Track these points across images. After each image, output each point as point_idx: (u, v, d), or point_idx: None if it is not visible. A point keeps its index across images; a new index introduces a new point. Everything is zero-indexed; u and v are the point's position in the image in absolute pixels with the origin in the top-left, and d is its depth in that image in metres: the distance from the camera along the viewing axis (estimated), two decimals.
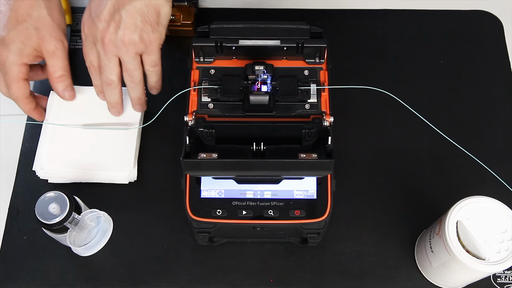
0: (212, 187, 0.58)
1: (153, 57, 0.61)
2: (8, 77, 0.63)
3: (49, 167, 0.66)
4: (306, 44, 0.59)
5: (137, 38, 0.58)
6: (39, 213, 0.58)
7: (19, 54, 0.62)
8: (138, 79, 0.62)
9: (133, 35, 0.58)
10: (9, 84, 0.63)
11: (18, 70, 0.63)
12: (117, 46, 0.58)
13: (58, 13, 0.64)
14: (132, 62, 0.60)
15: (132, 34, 0.57)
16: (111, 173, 0.67)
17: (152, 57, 0.61)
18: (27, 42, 0.62)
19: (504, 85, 0.75)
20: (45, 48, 0.63)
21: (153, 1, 0.57)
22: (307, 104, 0.59)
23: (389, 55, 0.77)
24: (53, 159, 0.67)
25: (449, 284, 0.62)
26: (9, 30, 0.62)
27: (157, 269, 0.64)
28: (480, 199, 0.55)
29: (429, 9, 0.81)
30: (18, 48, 0.62)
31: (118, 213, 0.66)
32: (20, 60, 0.62)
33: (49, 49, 0.63)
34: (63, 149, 0.67)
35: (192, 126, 0.58)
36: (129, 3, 0.57)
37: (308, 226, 0.57)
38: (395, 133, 0.72)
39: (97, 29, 0.58)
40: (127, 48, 0.58)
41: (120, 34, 0.57)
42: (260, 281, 0.64)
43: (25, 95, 0.65)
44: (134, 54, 0.59)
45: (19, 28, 0.62)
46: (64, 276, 0.64)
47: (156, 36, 0.59)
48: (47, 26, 0.63)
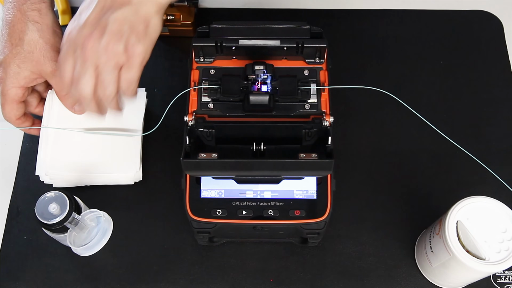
0: (212, 187, 0.58)
1: (132, 73, 0.55)
2: (4, 98, 0.64)
3: (53, 172, 0.66)
4: (306, 44, 0.59)
5: (121, 48, 0.53)
6: (39, 213, 0.58)
7: (15, 77, 0.62)
8: (111, 96, 0.55)
9: (117, 44, 0.53)
10: (3, 105, 0.64)
11: (14, 93, 0.63)
12: (98, 54, 0.53)
13: (51, 34, 0.63)
14: (109, 73, 0.54)
15: (116, 42, 0.53)
16: (117, 175, 0.67)
17: (131, 73, 0.55)
18: (22, 66, 0.62)
19: (504, 85, 0.75)
20: (43, 70, 0.63)
21: (142, 11, 0.54)
22: (307, 104, 0.59)
23: (389, 55, 0.77)
24: (57, 163, 0.66)
25: (449, 284, 0.62)
26: (5, 54, 0.62)
27: (157, 269, 0.64)
28: (480, 199, 0.55)
29: (429, 9, 0.81)
30: (14, 72, 0.62)
31: (118, 213, 0.66)
32: (16, 83, 0.63)
33: (47, 71, 0.63)
34: (66, 152, 0.67)
35: (192, 126, 0.58)
36: (117, 10, 0.53)
37: (308, 226, 0.57)
38: (395, 133, 0.72)
39: (80, 35, 0.54)
40: (108, 56, 0.53)
41: (103, 41, 0.53)
42: (260, 281, 0.64)
43: (16, 116, 0.65)
44: (114, 64, 0.54)
45: (13, 52, 0.62)
46: (64, 276, 0.64)
47: (141, 50, 0.54)
48: (40, 49, 0.62)
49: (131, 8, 0.54)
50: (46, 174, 0.66)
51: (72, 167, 0.66)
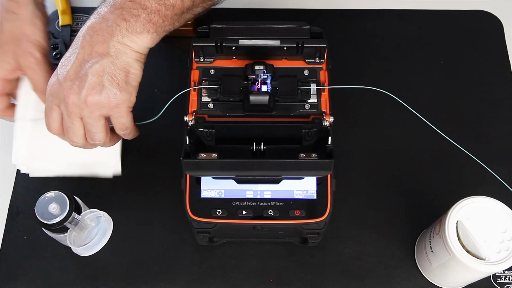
0: (212, 187, 0.58)
1: (122, 120, 0.56)
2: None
3: (30, 162, 0.65)
4: (306, 44, 0.59)
5: (102, 99, 0.53)
6: (39, 213, 0.59)
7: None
8: (100, 142, 0.58)
9: (98, 96, 0.53)
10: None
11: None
12: (80, 107, 0.54)
13: (29, 25, 0.61)
14: (95, 124, 0.55)
15: (96, 94, 0.53)
16: (95, 167, 0.66)
17: (121, 120, 0.56)
18: (1, 57, 0.60)
19: (504, 85, 0.75)
20: (20, 63, 0.61)
21: (121, 60, 0.54)
22: (307, 104, 0.59)
23: (389, 55, 0.77)
24: (34, 153, 0.65)
25: (449, 284, 0.62)
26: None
27: (157, 269, 0.64)
28: (480, 199, 0.55)
29: (429, 9, 0.81)
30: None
31: (118, 213, 0.66)
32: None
33: (22, 64, 0.61)
34: (44, 143, 0.64)
35: (192, 126, 0.58)
36: (96, 61, 0.53)
37: (308, 226, 0.57)
38: (395, 133, 0.72)
39: (61, 89, 0.54)
40: (90, 109, 0.54)
41: (83, 94, 0.53)
42: (260, 281, 0.64)
43: (0, 108, 0.64)
44: (98, 116, 0.55)
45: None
46: (64, 276, 0.64)
47: (124, 98, 0.54)
48: (16, 40, 0.60)
49: (109, 59, 0.53)
50: (24, 164, 0.65)
51: (49, 158, 0.65)
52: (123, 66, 0.54)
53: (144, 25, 0.54)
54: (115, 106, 0.55)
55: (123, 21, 0.53)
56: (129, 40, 0.54)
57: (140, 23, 0.54)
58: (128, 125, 0.58)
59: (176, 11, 0.56)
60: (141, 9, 0.54)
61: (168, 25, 0.56)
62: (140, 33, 0.54)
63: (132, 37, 0.54)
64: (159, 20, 0.55)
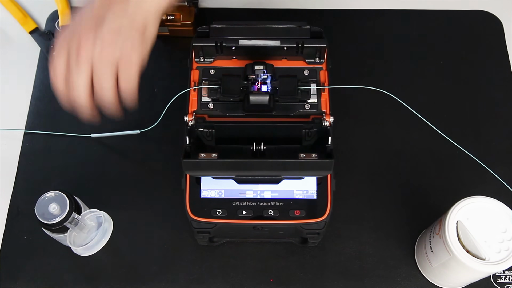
0: (212, 187, 0.58)
1: (129, 73, 0.54)
2: None
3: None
4: (306, 44, 0.59)
5: (116, 55, 0.53)
6: (39, 213, 0.58)
7: None
8: (108, 91, 0.54)
9: (112, 53, 0.53)
10: None
11: None
12: (93, 59, 0.53)
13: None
14: (105, 69, 0.53)
15: (110, 52, 0.53)
16: None
17: (128, 72, 0.54)
18: None
19: (504, 85, 0.75)
20: None
21: (138, 19, 0.54)
22: (307, 104, 0.59)
23: (389, 55, 0.77)
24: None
25: (449, 284, 0.62)
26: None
27: (157, 269, 0.64)
28: (480, 199, 0.55)
29: (429, 9, 0.81)
30: None
31: (118, 213, 0.66)
32: None
33: None
34: None
35: (192, 126, 0.58)
36: (113, 19, 0.53)
37: (308, 226, 0.57)
38: (395, 133, 0.72)
39: (74, 41, 0.53)
40: (103, 61, 0.53)
41: (97, 49, 0.53)
42: (260, 281, 0.64)
43: None
44: (110, 63, 0.53)
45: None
46: (64, 276, 0.64)
47: (136, 58, 0.54)
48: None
49: (127, 17, 0.53)
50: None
51: None
52: (139, 25, 0.54)
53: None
54: (126, 63, 0.53)
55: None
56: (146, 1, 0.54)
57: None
58: (132, 78, 0.54)
59: None
60: None
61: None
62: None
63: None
64: None
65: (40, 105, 0.73)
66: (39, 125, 0.72)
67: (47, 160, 0.70)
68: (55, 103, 0.73)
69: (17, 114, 0.73)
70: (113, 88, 0.54)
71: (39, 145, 0.71)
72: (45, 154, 0.70)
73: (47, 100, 0.74)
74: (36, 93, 0.74)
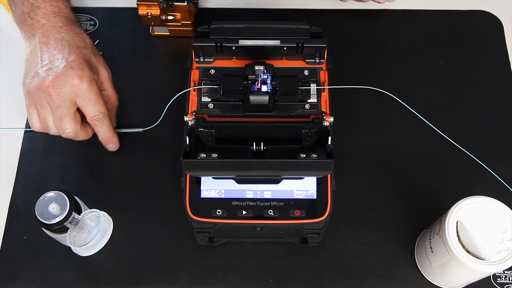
0: (212, 187, 0.58)
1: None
2: None
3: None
4: (306, 44, 0.59)
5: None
6: (39, 213, 0.58)
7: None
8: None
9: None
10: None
11: None
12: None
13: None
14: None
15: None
16: None
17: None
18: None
19: (504, 85, 0.75)
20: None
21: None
22: (307, 104, 0.59)
23: (389, 55, 0.77)
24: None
25: (449, 284, 0.62)
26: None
27: (157, 269, 0.64)
28: (480, 199, 0.55)
29: (429, 9, 0.81)
30: None
31: (118, 213, 0.66)
32: None
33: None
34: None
35: (192, 126, 0.58)
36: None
37: (308, 226, 0.57)
38: (395, 133, 0.72)
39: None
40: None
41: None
42: (260, 281, 0.64)
43: None
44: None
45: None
46: (64, 276, 0.64)
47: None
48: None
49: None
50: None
51: None
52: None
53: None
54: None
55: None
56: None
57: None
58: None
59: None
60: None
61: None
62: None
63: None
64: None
65: None
66: None
67: (47, 160, 0.70)
68: None
69: (17, 114, 0.72)
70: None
71: (39, 145, 0.71)
72: (45, 154, 0.70)
73: None
74: None
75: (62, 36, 0.63)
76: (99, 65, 0.65)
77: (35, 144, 0.71)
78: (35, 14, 0.63)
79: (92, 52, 0.65)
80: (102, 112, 0.64)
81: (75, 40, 0.63)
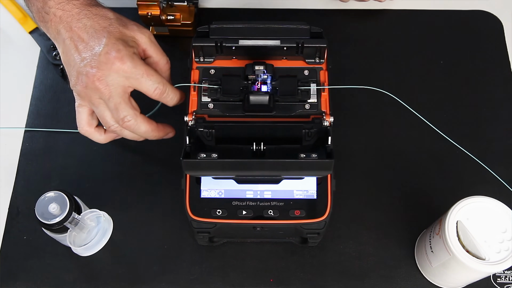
0: (212, 187, 0.58)
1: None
2: None
3: None
4: (306, 44, 0.59)
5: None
6: (39, 213, 0.58)
7: None
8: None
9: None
10: None
11: None
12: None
13: None
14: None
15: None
16: None
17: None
18: None
19: (504, 85, 0.75)
20: None
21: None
22: (307, 104, 0.59)
23: (389, 55, 0.77)
24: None
25: (449, 284, 0.62)
26: None
27: (157, 269, 0.64)
28: (480, 199, 0.55)
29: (429, 9, 0.81)
30: None
31: (118, 213, 0.66)
32: None
33: None
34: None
35: (192, 126, 0.58)
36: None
37: (308, 226, 0.57)
38: (395, 133, 0.72)
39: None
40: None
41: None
42: (260, 281, 0.64)
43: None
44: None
45: None
46: (64, 276, 0.64)
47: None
48: None
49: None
50: None
51: None
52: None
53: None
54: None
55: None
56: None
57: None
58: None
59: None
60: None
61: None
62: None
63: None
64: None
65: (40, 105, 0.73)
66: (39, 125, 0.72)
67: (47, 160, 0.70)
68: (55, 103, 0.74)
69: (17, 114, 0.73)
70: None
71: (39, 145, 0.71)
72: (45, 154, 0.70)
73: (47, 100, 0.74)
74: (36, 93, 0.74)
75: (83, 23, 0.57)
76: (134, 33, 0.59)
77: (35, 144, 0.71)
78: (49, 7, 0.59)
79: (120, 25, 0.58)
80: (160, 82, 0.58)
81: (98, 22, 0.57)
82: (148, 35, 0.60)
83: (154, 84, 0.57)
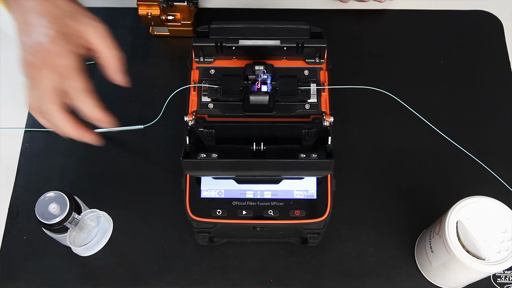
0: (212, 187, 0.58)
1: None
2: None
3: None
4: (306, 44, 0.59)
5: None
6: (39, 213, 0.59)
7: None
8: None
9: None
10: None
11: None
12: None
13: None
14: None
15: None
16: None
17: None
18: None
19: (504, 85, 0.75)
20: None
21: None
22: (307, 104, 0.59)
23: (389, 55, 0.77)
24: None
25: (449, 284, 0.62)
26: None
27: (157, 269, 0.64)
28: (480, 199, 0.55)
29: (429, 9, 0.81)
30: None
31: (118, 213, 0.66)
32: None
33: None
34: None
35: (192, 126, 0.58)
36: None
37: (308, 226, 0.57)
38: (395, 133, 0.72)
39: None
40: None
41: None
42: (260, 281, 0.64)
43: None
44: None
45: None
46: (64, 276, 0.64)
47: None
48: None
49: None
50: None
51: None
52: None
53: None
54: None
55: None
56: None
57: None
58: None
59: None
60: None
61: None
62: None
63: None
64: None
65: None
66: (39, 125, 0.71)
67: (47, 160, 0.70)
68: None
69: (17, 114, 0.73)
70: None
71: (39, 145, 0.71)
72: (45, 153, 0.70)
73: None
74: None
75: (32, 6, 0.53)
76: (79, 26, 0.54)
77: (35, 144, 0.71)
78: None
79: (67, 16, 0.54)
80: (78, 88, 0.54)
81: (46, 8, 0.53)
82: (95, 29, 0.55)
83: (76, 86, 0.54)
